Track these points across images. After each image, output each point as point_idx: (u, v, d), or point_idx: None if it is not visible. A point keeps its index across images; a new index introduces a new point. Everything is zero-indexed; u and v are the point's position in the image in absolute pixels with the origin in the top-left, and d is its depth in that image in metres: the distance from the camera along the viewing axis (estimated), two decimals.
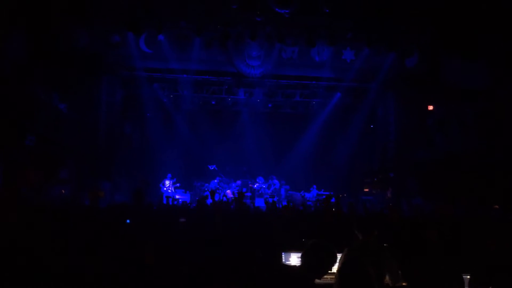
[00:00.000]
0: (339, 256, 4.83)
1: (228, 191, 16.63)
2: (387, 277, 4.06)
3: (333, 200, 13.84)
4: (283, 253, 4.97)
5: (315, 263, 3.36)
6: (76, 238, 3.94)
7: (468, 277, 3.21)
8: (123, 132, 16.98)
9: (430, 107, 15.45)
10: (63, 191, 12.42)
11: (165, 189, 16.15)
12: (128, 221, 6.11)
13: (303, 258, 3.43)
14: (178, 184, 16.59)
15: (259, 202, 15.54)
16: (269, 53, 14.13)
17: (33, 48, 11.90)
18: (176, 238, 4.49)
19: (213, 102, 17.98)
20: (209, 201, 8.76)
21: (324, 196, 15.09)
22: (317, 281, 4.62)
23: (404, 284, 4.18)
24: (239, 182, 17.41)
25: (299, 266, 3.48)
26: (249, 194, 16.69)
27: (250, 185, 17.72)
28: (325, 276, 4.74)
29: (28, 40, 11.82)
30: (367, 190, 17.08)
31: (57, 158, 13.33)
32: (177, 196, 15.77)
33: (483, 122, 13.64)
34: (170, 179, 16.40)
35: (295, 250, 4.68)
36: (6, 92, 10.95)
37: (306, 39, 13.44)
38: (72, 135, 13.89)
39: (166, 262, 3.48)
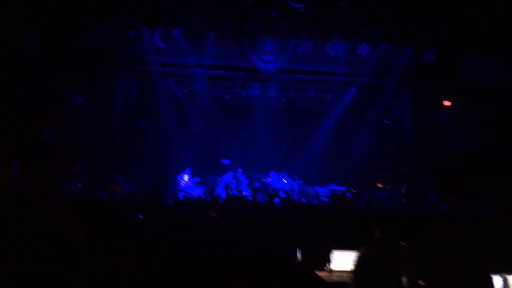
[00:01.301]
0: (350, 252, 4.82)
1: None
2: (403, 279, 3.98)
3: (348, 195, 13.86)
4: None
5: (312, 255, 3.39)
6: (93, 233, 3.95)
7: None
8: (138, 126, 17.09)
9: (447, 103, 15.27)
10: (79, 184, 12.54)
11: (183, 183, 16.18)
12: (140, 216, 6.13)
13: (300, 251, 3.43)
14: (198, 179, 16.65)
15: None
16: (283, 48, 14.04)
17: (49, 44, 12.01)
18: (189, 235, 4.49)
19: (227, 97, 18.00)
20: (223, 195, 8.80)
21: (338, 192, 15.11)
22: (333, 279, 4.63)
23: (422, 283, 4.15)
24: (240, 169, 17.38)
25: (299, 260, 3.48)
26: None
27: (263, 180, 17.73)
28: (341, 275, 4.75)
29: (43, 35, 11.93)
30: (381, 186, 16.95)
31: (73, 152, 13.48)
32: (195, 191, 15.82)
33: (501, 118, 13.45)
34: (189, 173, 16.45)
35: None
36: (22, 87, 11.08)
37: (321, 34, 13.32)
38: (88, 129, 14.03)
39: (178, 260, 3.47)
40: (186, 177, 16.33)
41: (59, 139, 12.39)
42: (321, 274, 3.83)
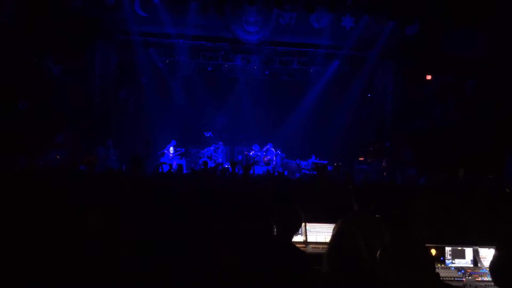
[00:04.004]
0: (326, 225, 4.87)
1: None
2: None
3: (329, 168, 13.94)
4: None
5: (284, 225, 3.41)
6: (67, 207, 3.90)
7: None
8: (118, 97, 16.83)
9: (429, 77, 15.32)
10: (58, 156, 12.35)
11: (171, 155, 16.15)
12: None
13: (273, 222, 3.46)
14: (183, 150, 16.63)
15: (256, 170, 15.63)
16: (266, 19, 13.83)
17: (25, 12, 11.63)
18: (164, 207, 4.45)
19: (210, 69, 17.79)
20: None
21: (320, 165, 15.20)
22: (309, 251, 4.68)
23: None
24: (220, 142, 17.41)
25: (273, 230, 3.50)
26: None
27: (246, 153, 17.76)
28: (317, 246, 4.80)
29: (20, 3, 11.54)
30: (362, 159, 17.10)
31: (52, 122, 13.25)
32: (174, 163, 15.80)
33: (482, 92, 13.56)
34: (174, 146, 16.39)
35: None
36: None
37: (304, 4, 13.13)
38: (67, 99, 13.76)
39: (154, 233, 3.45)
40: (171, 149, 16.30)
41: (37, 109, 12.14)
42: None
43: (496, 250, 3.02)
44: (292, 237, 3.54)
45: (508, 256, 2.78)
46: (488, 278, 4.04)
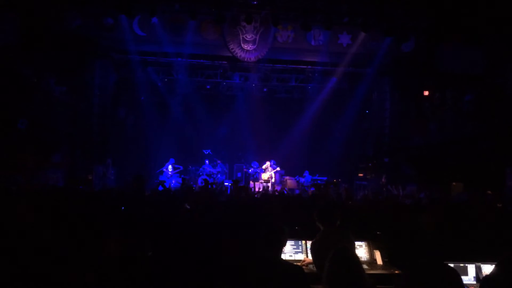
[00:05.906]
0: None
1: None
2: None
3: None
4: None
5: (269, 241, 3.44)
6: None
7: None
8: (117, 116, 16.85)
9: (426, 93, 15.40)
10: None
11: (169, 174, 16.14)
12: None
13: (262, 239, 3.48)
14: (181, 168, 16.62)
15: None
16: (264, 37, 13.93)
17: (25, 31, 11.71)
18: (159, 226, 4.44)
19: (208, 86, 17.88)
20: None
21: (319, 181, 15.18)
22: (310, 269, 4.63)
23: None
24: (219, 161, 17.41)
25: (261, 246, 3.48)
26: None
27: (245, 170, 17.73)
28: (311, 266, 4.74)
29: (19, 22, 11.63)
30: (361, 175, 17.09)
31: (50, 142, 13.23)
32: (173, 181, 15.78)
33: (479, 108, 13.60)
34: (173, 164, 16.40)
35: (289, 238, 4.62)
36: None
37: (302, 23, 13.26)
38: (65, 118, 13.78)
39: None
40: (170, 167, 16.30)
41: (35, 129, 12.12)
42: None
43: (495, 267, 3.01)
44: (280, 253, 3.54)
45: (504, 275, 2.76)
46: None
